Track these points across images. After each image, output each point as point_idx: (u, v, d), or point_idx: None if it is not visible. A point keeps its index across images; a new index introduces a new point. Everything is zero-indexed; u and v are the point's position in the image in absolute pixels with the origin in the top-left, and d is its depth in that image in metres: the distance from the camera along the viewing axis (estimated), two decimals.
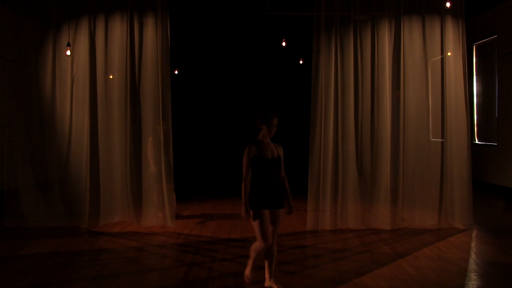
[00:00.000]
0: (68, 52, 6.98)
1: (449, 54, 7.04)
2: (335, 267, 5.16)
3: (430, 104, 7.28)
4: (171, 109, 6.93)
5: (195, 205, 8.86)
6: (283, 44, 9.46)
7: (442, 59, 7.08)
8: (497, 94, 9.98)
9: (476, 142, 10.64)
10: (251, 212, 4.25)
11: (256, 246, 4.35)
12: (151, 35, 6.98)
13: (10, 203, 7.00)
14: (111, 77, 7.17)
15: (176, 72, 12.47)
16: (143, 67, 7.01)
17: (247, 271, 4.57)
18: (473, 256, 5.67)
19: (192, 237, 6.49)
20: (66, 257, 5.55)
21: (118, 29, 7.05)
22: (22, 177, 7.06)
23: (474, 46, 10.74)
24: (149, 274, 5.02)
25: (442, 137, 7.06)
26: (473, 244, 6.17)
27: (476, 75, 10.81)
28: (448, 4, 6.79)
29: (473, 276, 4.90)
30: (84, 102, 7.06)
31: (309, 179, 6.79)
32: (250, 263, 4.53)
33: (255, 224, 4.25)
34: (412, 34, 7.08)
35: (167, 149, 6.90)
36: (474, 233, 6.67)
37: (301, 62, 11.55)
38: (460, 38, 7.03)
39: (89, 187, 6.93)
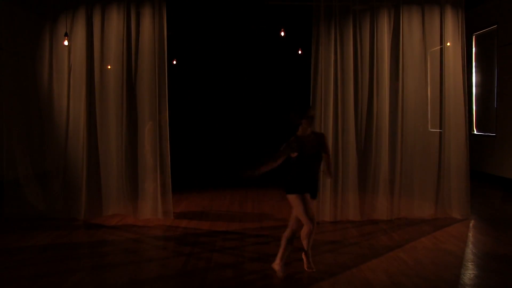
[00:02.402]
0: (66, 42, 6.94)
1: (448, 44, 7.01)
2: (334, 257, 5.18)
3: (429, 94, 7.26)
4: (167, 99, 6.92)
5: (194, 196, 8.87)
6: (282, 34, 9.40)
7: (441, 50, 7.05)
8: (496, 85, 9.96)
9: (475, 132, 10.64)
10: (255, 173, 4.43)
11: (305, 231, 4.54)
12: (148, 25, 6.93)
13: (9, 194, 7.00)
14: (109, 67, 7.13)
15: (174, 62, 12.41)
16: (140, 58, 6.96)
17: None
18: (470, 246, 5.70)
19: (190, 228, 6.50)
20: (64, 249, 5.57)
21: (115, 19, 6.99)
22: (21, 168, 7.05)
23: (474, 36, 10.69)
24: (148, 264, 5.04)
25: (441, 128, 7.06)
26: (470, 234, 6.20)
27: (475, 65, 10.78)
28: None
29: (470, 266, 4.92)
30: (81, 93, 7.03)
31: None
32: (304, 255, 4.65)
33: (299, 209, 4.44)
34: (411, 24, 7.04)
35: (163, 141, 6.89)
36: (472, 223, 6.69)
37: (300, 52, 11.49)
38: (459, 28, 6.99)
39: (85, 179, 6.92)
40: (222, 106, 14.40)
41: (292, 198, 4.48)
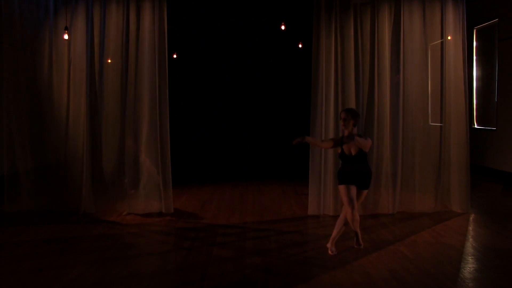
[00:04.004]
0: (66, 36, 6.91)
1: (449, 38, 6.98)
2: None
3: (429, 88, 7.24)
4: (168, 93, 6.91)
5: (194, 190, 8.87)
6: (283, 27, 9.36)
7: (442, 43, 7.02)
8: (497, 79, 9.93)
9: (475, 126, 10.63)
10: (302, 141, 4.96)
11: (344, 213, 5.05)
12: (148, 19, 6.91)
13: (9, 188, 6.99)
14: (109, 61, 7.12)
15: (174, 56, 12.37)
16: (140, 51, 6.93)
17: (329, 243, 5.14)
18: (470, 240, 5.70)
19: (190, 222, 6.51)
20: (64, 243, 5.57)
21: (115, 12, 6.97)
22: (21, 162, 7.04)
23: (475, 30, 10.65)
24: (148, 258, 5.05)
25: (441, 122, 7.05)
26: (470, 228, 6.21)
27: (476, 59, 10.74)
28: None
29: (470, 260, 4.93)
30: (81, 87, 7.01)
31: (310, 164, 6.80)
32: (333, 235, 5.16)
33: (343, 192, 5.01)
34: (412, 17, 7.01)
35: (164, 134, 6.89)
36: (472, 217, 6.70)
37: (300, 46, 11.46)
38: (460, 22, 6.96)
39: (85, 173, 6.92)
40: (223, 99, 14.37)
41: (339, 187, 5.08)
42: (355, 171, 5.02)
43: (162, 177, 6.87)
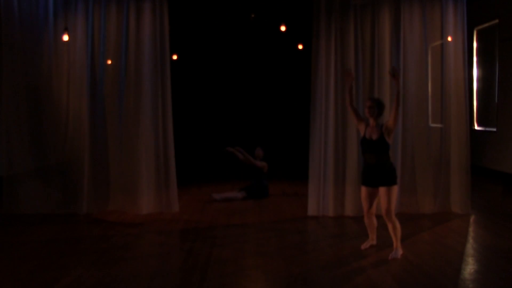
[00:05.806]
0: (66, 37, 6.92)
1: (449, 39, 6.98)
2: (334, 252, 5.18)
3: (429, 89, 7.24)
4: (171, 93, 6.93)
5: (194, 190, 8.87)
6: (283, 28, 9.35)
7: (442, 44, 7.02)
8: (497, 80, 9.92)
9: (475, 127, 10.61)
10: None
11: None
12: (149, 20, 6.92)
13: (8, 189, 6.99)
14: (109, 62, 7.12)
15: (175, 57, 12.36)
16: (141, 52, 6.94)
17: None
18: (470, 241, 5.70)
19: (190, 222, 6.51)
20: (65, 244, 5.57)
21: (115, 13, 6.98)
22: (20, 163, 7.04)
23: (475, 31, 10.64)
24: (148, 260, 5.04)
25: (442, 123, 7.04)
26: (470, 229, 6.20)
27: (476, 60, 10.73)
28: None
29: (471, 261, 4.92)
30: (80, 88, 7.01)
31: (310, 165, 6.80)
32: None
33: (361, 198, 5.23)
34: (412, 18, 7.00)
35: (166, 134, 6.89)
36: (472, 218, 6.69)
37: (300, 47, 11.44)
38: (460, 23, 6.96)
39: (87, 173, 6.92)
40: (222, 100, 14.36)
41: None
42: (368, 161, 4.98)
43: (165, 177, 6.88)
